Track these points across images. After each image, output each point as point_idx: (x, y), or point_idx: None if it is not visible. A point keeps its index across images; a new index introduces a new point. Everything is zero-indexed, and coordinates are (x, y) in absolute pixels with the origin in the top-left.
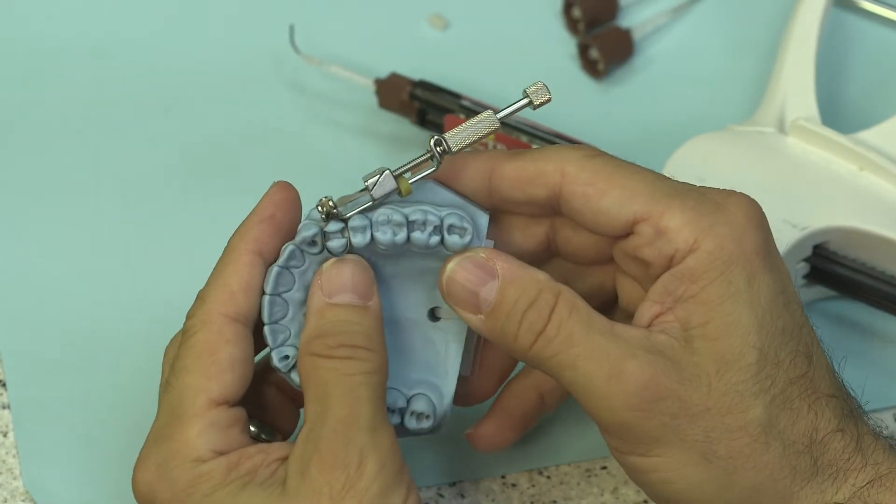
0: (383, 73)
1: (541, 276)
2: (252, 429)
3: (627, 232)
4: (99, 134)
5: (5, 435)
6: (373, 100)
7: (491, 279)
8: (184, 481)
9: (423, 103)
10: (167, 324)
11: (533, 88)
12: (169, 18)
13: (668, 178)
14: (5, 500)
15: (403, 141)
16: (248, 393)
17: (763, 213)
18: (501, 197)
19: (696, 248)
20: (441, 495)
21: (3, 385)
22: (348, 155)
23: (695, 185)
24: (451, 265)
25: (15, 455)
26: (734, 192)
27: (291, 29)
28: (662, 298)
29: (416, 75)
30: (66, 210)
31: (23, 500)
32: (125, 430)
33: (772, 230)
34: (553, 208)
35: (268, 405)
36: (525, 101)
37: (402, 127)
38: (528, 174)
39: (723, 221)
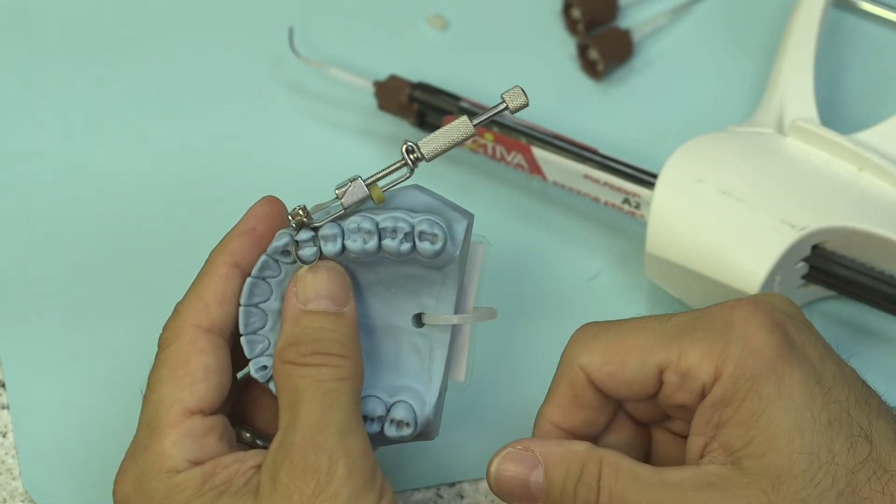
0: (383, 73)
1: (580, 447)
2: (247, 435)
3: (659, 386)
4: (99, 134)
5: (4, 435)
6: (372, 102)
7: (535, 466)
8: (160, 493)
9: (421, 105)
10: None
11: (510, 93)
12: (168, 21)
13: (671, 316)
14: (4, 501)
15: (402, 143)
16: (245, 400)
17: (773, 306)
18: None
19: (719, 375)
20: (440, 496)
21: (3, 386)
22: (347, 157)
23: (698, 311)
24: (493, 466)
25: (14, 455)
26: (738, 302)
27: (291, 31)
28: (703, 430)
29: (415, 76)
30: (65, 210)
31: (22, 501)
32: (125, 430)
33: (771, 231)
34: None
35: (265, 411)
36: (501, 105)
37: (401, 129)
38: (566, 398)
39: (734, 340)
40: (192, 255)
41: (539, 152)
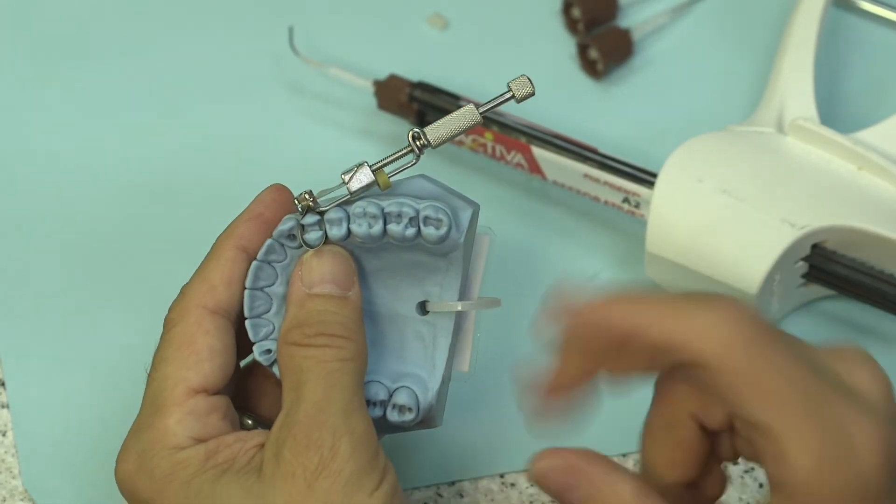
0: (383, 73)
1: (627, 489)
2: (249, 421)
3: (755, 429)
4: (98, 134)
5: (4, 434)
6: (372, 101)
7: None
8: (162, 469)
9: (421, 105)
10: None
11: (516, 82)
12: (168, 21)
13: (815, 377)
14: (4, 500)
15: (402, 142)
16: (247, 387)
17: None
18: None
19: (812, 480)
20: (440, 495)
21: (3, 384)
22: (347, 156)
23: (835, 395)
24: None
25: (14, 454)
26: (868, 410)
27: (291, 30)
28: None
29: (415, 75)
30: (64, 209)
31: (21, 500)
32: (124, 429)
33: (771, 230)
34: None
35: (268, 399)
36: (507, 94)
37: (401, 128)
38: (674, 339)
39: (846, 455)
40: (191, 255)
41: (539, 151)
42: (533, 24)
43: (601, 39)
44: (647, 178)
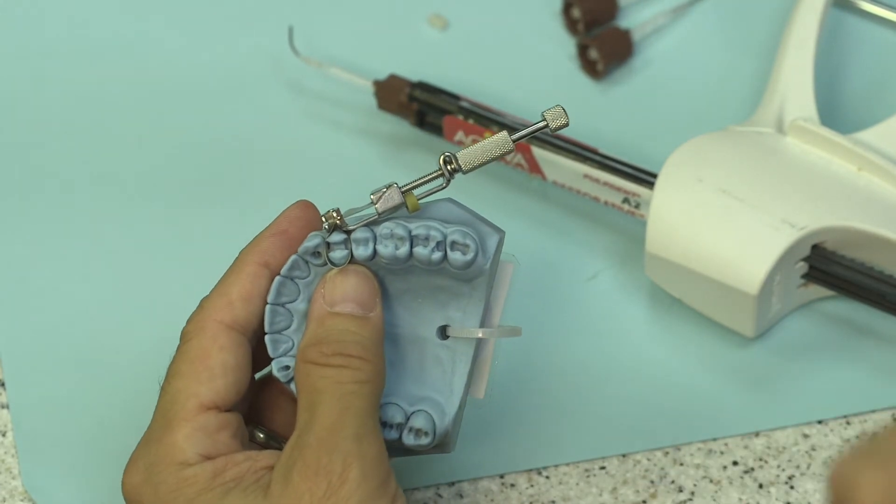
0: (383, 73)
1: None
2: (260, 435)
3: None
4: (99, 136)
5: (4, 435)
6: (372, 101)
7: None
8: (168, 485)
9: (421, 105)
10: (167, 325)
11: (551, 112)
12: (168, 20)
13: None
14: (4, 500)
15: (402, 142)
16: (262, 401)
17: None
18: None
19: None
20: (440, 495)
21: (3, 385)
22: (347, 156)
23: None
24: None
25: (14, 455)
26: None
27: (290, 30)
28: None
29: (415, 75)
30: (66, 211)
31: (21, 500)
32: (125, 430)
33: (771, 230)
34: None
35: (281, 414)
36: (542, 123)
37: (401, 128)
38: None
39: None
40: (190, 255)
41: (539, 152)
42: (533, 24)
43: (601, 40)
44: (647, 178)
